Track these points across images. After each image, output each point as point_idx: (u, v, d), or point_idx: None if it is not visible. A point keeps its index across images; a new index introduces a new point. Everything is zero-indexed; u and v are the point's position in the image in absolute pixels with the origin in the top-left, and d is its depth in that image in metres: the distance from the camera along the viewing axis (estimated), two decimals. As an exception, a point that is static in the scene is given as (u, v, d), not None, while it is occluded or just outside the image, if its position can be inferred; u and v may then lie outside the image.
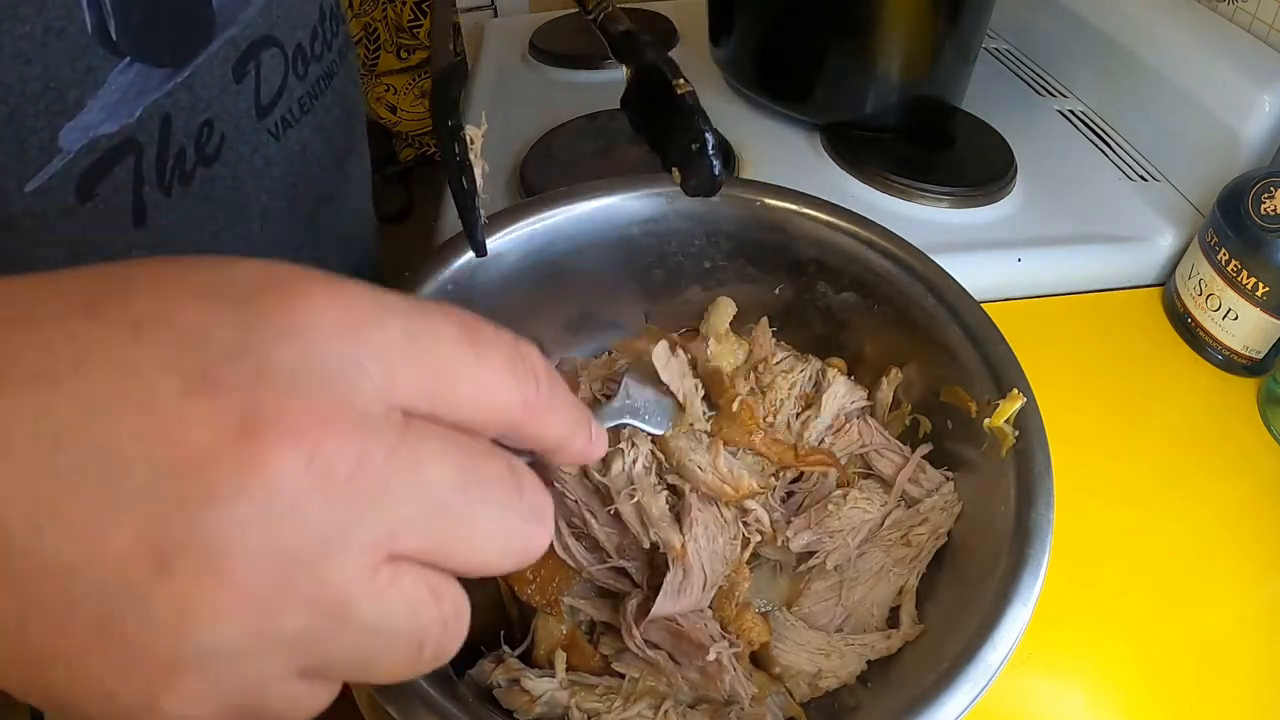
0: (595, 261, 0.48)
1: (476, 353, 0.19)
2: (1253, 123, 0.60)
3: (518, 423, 0.20)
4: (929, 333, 0.43)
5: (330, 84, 0.45)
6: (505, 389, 0.19)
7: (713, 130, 0.36)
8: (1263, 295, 0.53)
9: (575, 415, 0.22)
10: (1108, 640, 0.43)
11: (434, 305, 0.19)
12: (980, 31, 0.72)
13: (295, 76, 0.41)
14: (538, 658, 0.39)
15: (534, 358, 0.20)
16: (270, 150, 0.41)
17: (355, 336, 0.17)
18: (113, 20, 0.32)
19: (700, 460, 0.39)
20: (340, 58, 0.46)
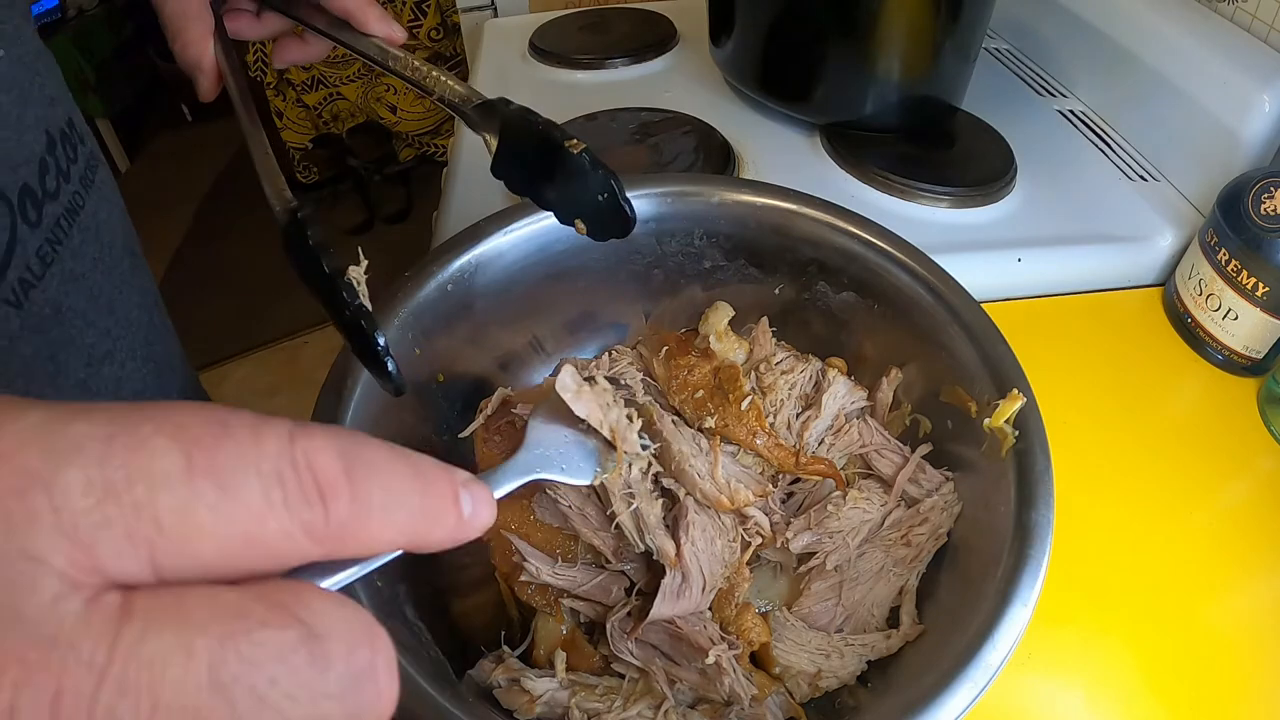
0: (595, 261, 0.48)
1: (215, 484, 0.14)
2: (1253, 123, 0.60)
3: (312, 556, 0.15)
4: (929, 333, 0.43)
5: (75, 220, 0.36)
6: (272, 524, 0.14)
7: (617, 178, 0.34)
8: (1263, 295, 0.53)
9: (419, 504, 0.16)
10: (1108, 640, 0.43)
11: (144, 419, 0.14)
12: (980, 31, 0.72)
13: (26, 225, 0.33)
14: (538, 658, 0.39)
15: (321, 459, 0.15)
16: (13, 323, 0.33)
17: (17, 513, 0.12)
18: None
19: (699, 467, 0.39)
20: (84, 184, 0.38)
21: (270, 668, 0.13)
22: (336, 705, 0.14)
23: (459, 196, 0.69)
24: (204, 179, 2.45)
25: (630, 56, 0.88)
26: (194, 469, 0.13)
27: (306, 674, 0.14)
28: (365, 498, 0.15)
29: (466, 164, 0.73)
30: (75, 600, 0.12)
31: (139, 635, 0.12)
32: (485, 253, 0.44)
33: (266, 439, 0.14)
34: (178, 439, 0.14)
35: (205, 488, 0.13)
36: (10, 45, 0.33)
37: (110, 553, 0.13)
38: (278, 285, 2.12)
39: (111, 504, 0.13)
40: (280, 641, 0.13)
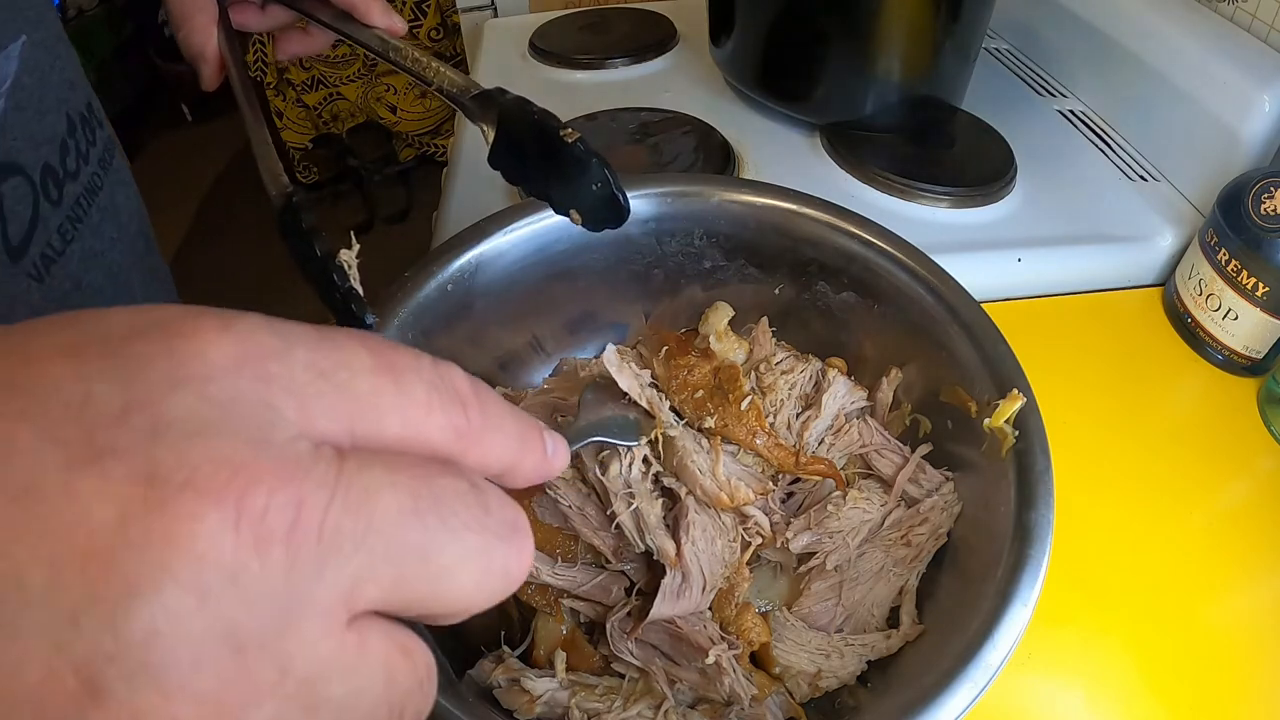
0: (595, 261, 0.48)
1: (396, 382, 0.17)
2: (1253, 123, 0.60)
3: (453, 453, 0.18)
4: (929, 333, 0.43)
5: (95, 200, 0.38)
6: (433, 418, 0.17)
7: (611, 168, 0.35)
8: (1263, 295, 0.53)
9: (520, 432, 0.20)
10: (1108, 640, 0.43)
11: (342, 333, 0.17)
12: (980, 31, 0.72)
13: (48, 203, 0.35)
14: (538, 658, 0.39)
15: (459, 380, 0.18)
16: (34, 297, 0.34)
17: (256, 373, 0.15)
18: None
19: (701, 463, 0.39)
20: (103, 166, 0.40)
21: (451, 502, 0.16)
22: (497, 541, 0.17)
23: (459, 196, 0.69)
24: (204, 179, 2.45)
25: (630, 56, 0.88)
26: (380, 366, 0.17)
27: (477, 511, 0.17)
28: (487, 413, 0.18)
29: (466, 164, 0.73)
30: (304, 443, 0.15)
31: (357, 468, 0.15)
32: (485, 253, 0.44)
33: (422, 359, 0.18)
34: (366, 345, 0.17)
35: (388, 382, 0.16)
36: (32, 30, 0.34)
37: (322, 416, 0.15)
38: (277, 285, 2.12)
39: (324, 381, 0.16)
40: (456, 486, 0.16)
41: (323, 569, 0.14)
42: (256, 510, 0.13)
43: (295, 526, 0.14)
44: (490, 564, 0.17)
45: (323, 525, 0.14)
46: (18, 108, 0.33)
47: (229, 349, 0.15)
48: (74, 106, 0.37)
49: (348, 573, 0.14)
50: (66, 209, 0.36)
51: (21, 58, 0.33)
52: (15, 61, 0.32)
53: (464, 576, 0.16)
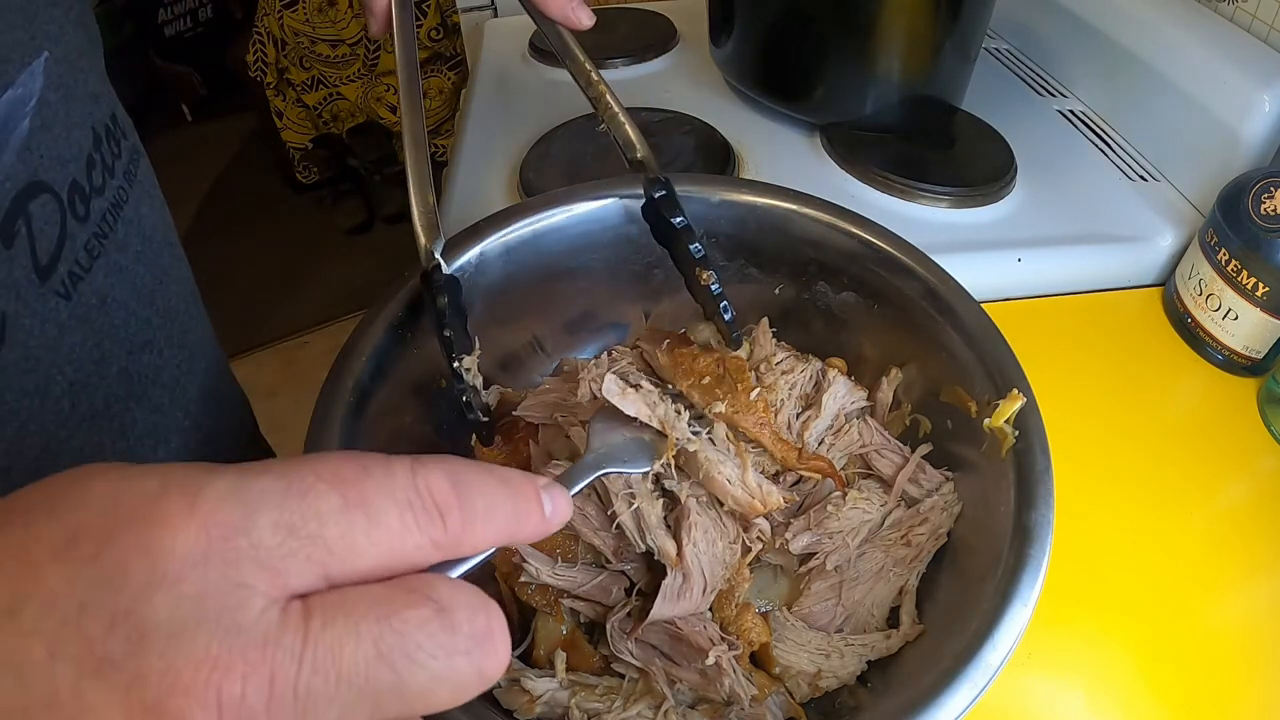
0: (595, 261, 0.48)
1: (366, 515, 0.18)
2: (1253, 123, 0.60)
3: (438, 559, 0.19)
4: (929, 333, 0.43)
5: (120, 214, 0.38)
6: (409, 541, 0.19)
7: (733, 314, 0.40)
8: (1263, 295, 0.53)
9: (511, 509, 0.21)
10: (1108, 640, 0.43)
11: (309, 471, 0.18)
12: (980, 31, 0.72)
13: (75, 220, 0.35)
14: (538, 658, 0.39)
15: (437, 486, 0.19)
16: (63, 314, 0.35)
17: (224, 557, 0.16)
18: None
19: (730, 473, 0.39)
20: (129, 180, 0.39)
21: (415, 636, 0.18)
22: (466, 660, 0.18)
23: (459, 196, 0.69)
24: (204, 179, 2.45)
25: (630, 56, 0.88)
26: (349, 505, 0.18)
27: (442, 637, 0.18)
28: (470, 510, 0.20)
29: (467, 164, 0.73)
30: (274, 610, 0.17)
31: (321, 626, 0.17)
32: (485, 253, 0.44)
33: (396, 474, 0.19)
34: (333, 483, 0.18)
35: (359, 518, 0.18)
36: (54, 45, 0.33)
37: (295, 574, 0.17)
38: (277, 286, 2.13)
39: (293, 539, 0.17)
40: (420, 616, 0.18)
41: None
42: (235, 696, 0.16)
43: (271, 700, 0.16)
44: (460, 678, 0.18)
45: (296, 691, 0.16)
46: (44, 126, 0.33)
47: (196, 539, 0.16)
48: (99, 120, 0.37)
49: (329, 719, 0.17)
50: (93, 225, 0.36)
51: (45, 74, 0.33)
52: (40, 79, 0.32)
53: (438, 694, 0.18)
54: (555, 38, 0.44)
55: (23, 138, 0.31)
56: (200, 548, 0.16)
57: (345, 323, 1.96)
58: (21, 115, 0.31)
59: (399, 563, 0.18)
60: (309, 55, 2.00)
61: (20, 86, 0.31)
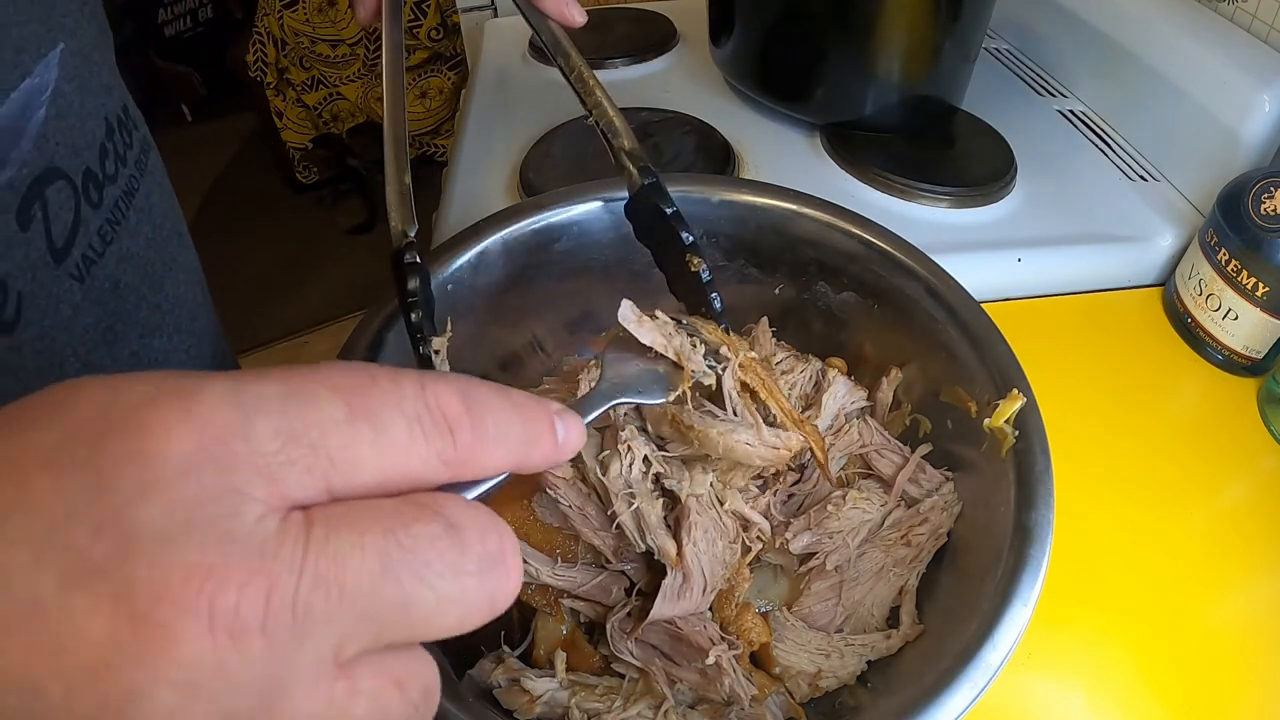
0: (595, 261, 0.48)
1: (371, 425, 0.17)
2: (1253, 123, 0.60)
3: (443, 479, 0.18)
4: (929, 333, 0.43)
5: (132, 202, 0.40)
6: (415, 454, 0.17)
7: (721, 302, 0.39)
8: (1263, 295, 0.53)
9: (522, 432, 0.20)
10: (1108, 640, 0.43)
11: (309, 379, 0.17)
12: (980, 31, 0.72)
13: (89, 206, 0.36)
14: (538, 658, 0.39)
15: (447, 401, 0.18)
16: (76, 296, 0.36)
17: (219, 461, 0.15)
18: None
19: (747, 437, 0.38)
20: (139, 170, 0.41)
21: (424, 552, 0.17)
22: (475, 581, 0.17)
23: (459, 196, 0.69)
24: (204, 179, 2.45)
25: (630, 56, 0.88)
26: (354, 414, 0.17)
27: (451, 555, 0.17)
28: (481, 428, 0.18)
29: (466, 164, 0.73)
30: (272, 520, 0.16)
31: (323, 538, 0.16)
32: (485, 252, 0.44)
33: (404, 385, 0.18)
34: (338, 391, 0.17)
35: (364, 428, 0.17)
36: (69, 38, 0.35)
37: (295, 484, 0.16)
38: (278, 285, 2.13)
39: (293, 446, 0.16)
40: (430, 532, 0.17)
41: (302, 643, 0.15)
42: (228, 609, 0.15)
43: (268, 614, 0.15)
44: (470, 601, 0.17)
45: (294, 606, 0.15)
46: (59, 115, 0.34)
47: (188, 442, 0.15)
48: (111, 110, 0.38)
49: (328, 641, 0.16)
50: (106, 211, 0.37)
51: (60, 65, 0.34)
52: (55, 69, 0.33)
53: (445, 617, 0.17)
54: (548, 34, 0.44)
55: (39, 126, 0.33)
56: (194, 451, 0.15)
57: (345, 323, 1.96)
58: (38, 104, 0.32)
59: (404, 478, 0.17)
60: (309, 55, 2.00)
61: (37, 76, 0.32)
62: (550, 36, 0.43)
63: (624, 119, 0.42)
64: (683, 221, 0.39)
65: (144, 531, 0.15)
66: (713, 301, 0.39)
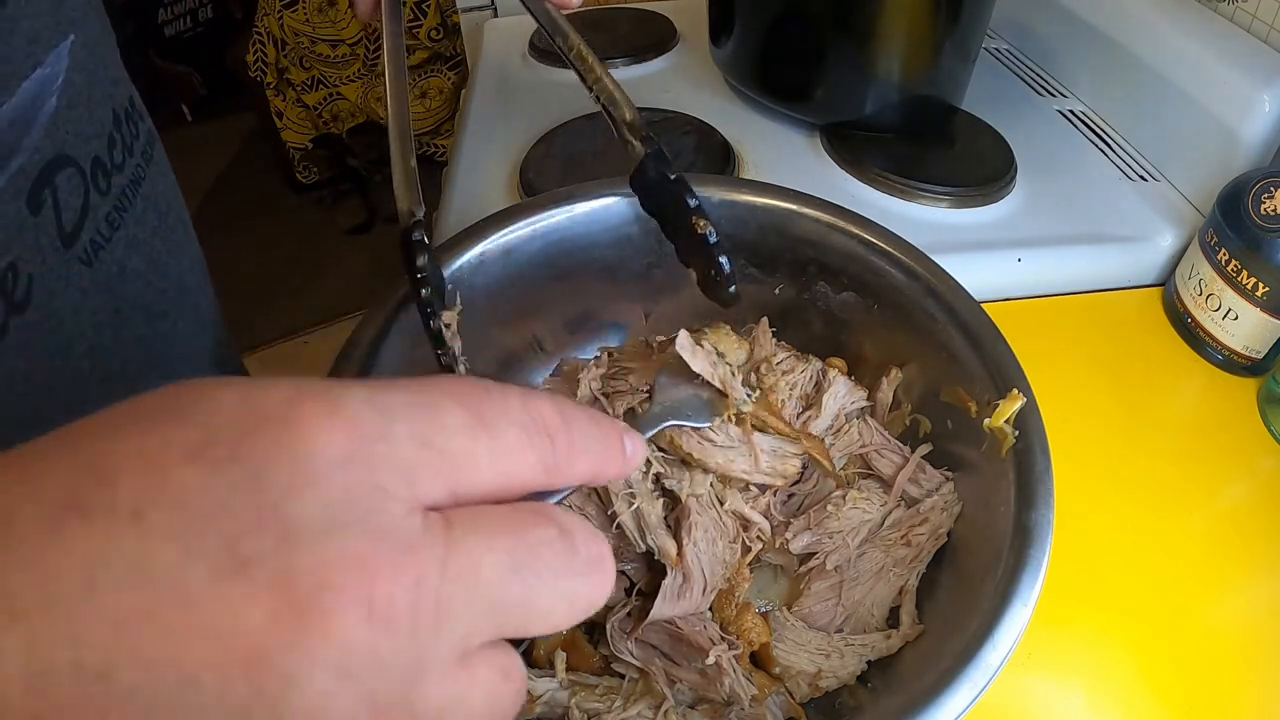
0: (595, 261, 0.48)
1: (489, 433, 0.18)
2: (1253, 123, 0.60)
3: (545, 483, 0.20)
4: (929, 333, 0.43)
5: (138, 191, 0.41)
6: (524, 460, 0.19)
7: (733, 265, 0.39)
8: (1263, 295, 0.53)
9: (601, 446, 0.21)
10: (1108, 640, 0.43)
11: (435, 389, 0.18)
12: (980, 31, 0.72)
13: (97, 193, 0.37)
14: (538, 658, 0.39)
15: (547, 412, 0.20)
16: (85, 280, 0.37)
17: (366, 461, 0.16)
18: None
19: (744, 466, 0.39)
20: (145, 160, 0.42)
21: (544, 554, 0.18)
22: (584, 581, 0.19)
23: (459, 196, 0.69)
24: (204, 179, 2.45)
25: (630, 56, 0.88)
26: (472, 421, 0.18)
27: (566, 557, 0.18)
28: (574, 437, 0.20)
29: (466, 164, 0.73)
30: (415, 519, 0.16)
31: (460, 538, 0.17)
32: (485, 252, 0.44)
33: (511, 398, 0.19)
34: (459, 400, 0.18)
35: (482, 434, 0.18)
36: (79, 30, 0.36)
37: (427, 485, 0.17)
38: (278, 285, 2.12)
39: (426, 449, 0.17)
40: (547, 536, 0.18)
41: (440, 631, 0.16)
42: (384, 598, 0.15)
43: (416, 603, 0.16)
44: (578, 600, 0.19)
45: (438, 597, 0.16)
46: (69, 105, 0.35)
47: (338, 441, 0.16)
48: (118, 102, 0.40)
49: (461, 630, 0.17)
50: (114, 199, 0.39)
51: (70, 56, 0.35)
52: (65, 60, 0.35)
53: (557, 614, 0.18)
54: (544, 16, 0.44)
55: (50, 114, 0.34)
56: (343, 450, 0.16)
57: (345, 322, 1.96)
58: (49, 93, 0.34)
59: (513, 482, 0.19)
60: (309, 55, 2.00)
61: (48, 66, 0.34)
62: (547, 18, 0.44)
63: (624, 92, 0.42)
64: (687, 186, 0.40)
65: (301, 523, 0.15)
66: (722, 265, 0.39)
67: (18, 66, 0.32)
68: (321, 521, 0.15)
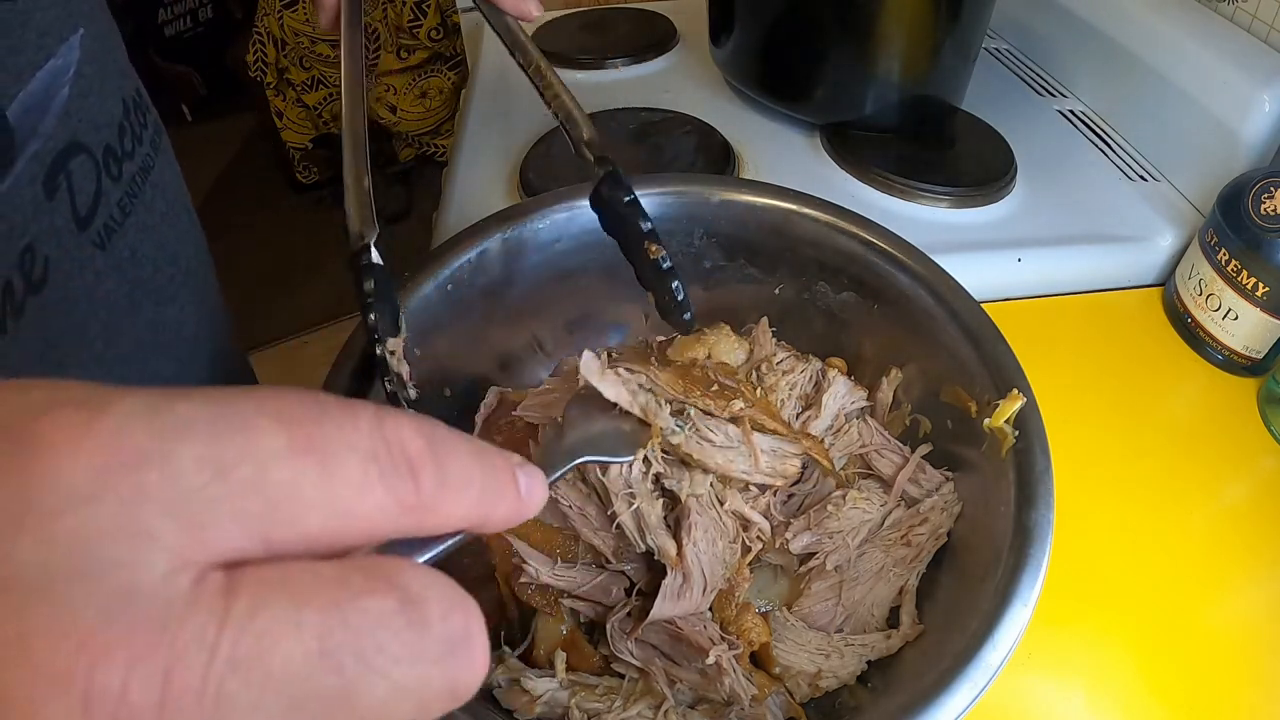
0: (595, 261, 0.48)
1: (320, 462, 0.14)
2: (1253, 123, 0.60)
3: (404, 528, 0.15)
4: (929, 333, 0.43)
5: (148, 179, 0.42)
6: (370, 498, 0.15)
7: (685, 290, 0.37)
8: (1263, 295, 0.53)
9: (487, 485, 0.17)
10: (1108, 640, 0.43)
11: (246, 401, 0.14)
12: (980, 31, 0.72)
13: (110, 179, 0.38)
14: (538, 658, 0.39)
15: (408, 438, 0.15)
16: (99, 262, 0.38)
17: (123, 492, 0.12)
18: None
19: (744, 467, 0.38)
20: (154, 149, 0.43)
21: (375, 633, 0.14)
22: (436, 669, 0.14)
23: (459, 196, 0.69)
24: (204, 179, 2.45)
25: (630, 56, 0.88)
26: (297, 448, 0.14)
27: (407, 637, 0.14)
28: (445, 475, 0.16)
29: (466, 164, 0.73)
30: (183, 578, 0.12)
31: (248, 610, 0.13)
32: (485, 252, 0.44)
33: (360, 418, 0.15)
34: (280, 419, 0.14)
35: (309, 465, 0.14)
36: (88, 23, 0.37)
37: (220, 530, 0.13)
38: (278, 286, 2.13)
39: (222, 482, 0.13)
40: (381, 608, 0.14)
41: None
42: (111, 690, 0.11)
43: (166, 701, 0.12)
44: (428, 692, 0.15)
45: (203, 693, 0.12)
46: (81, 94, 0.36)
47: (90, 459, 0.12)
48: (127, 92, 0.41)
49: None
50: (125, 185, 0.40)
51: (81, 48, 0.36)
52: (76, 51, 0.36)
53: (397, 713, 0.14)
54: (504, 29, 0.44)
55: (63, 103, 0.35)
56: (92, 477, 0.12)
57: (345, 323, 1.96)
58: (62, 83, 0.35)
59: (355, 529, 0.14)
60: (309, 55, 2.00)
61: (60, 58, 0.35)
62: (507, 32, 0.44)
63: (582, 110, 0.42)
64: (640, 210, 0.38)
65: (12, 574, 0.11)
66: (675, 290, 0.37)
67: (32, 57, 0.33)
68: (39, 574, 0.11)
